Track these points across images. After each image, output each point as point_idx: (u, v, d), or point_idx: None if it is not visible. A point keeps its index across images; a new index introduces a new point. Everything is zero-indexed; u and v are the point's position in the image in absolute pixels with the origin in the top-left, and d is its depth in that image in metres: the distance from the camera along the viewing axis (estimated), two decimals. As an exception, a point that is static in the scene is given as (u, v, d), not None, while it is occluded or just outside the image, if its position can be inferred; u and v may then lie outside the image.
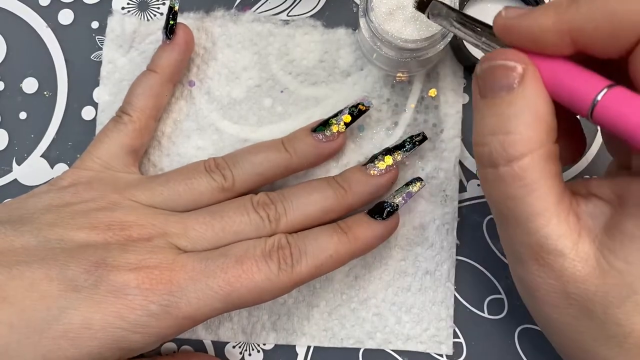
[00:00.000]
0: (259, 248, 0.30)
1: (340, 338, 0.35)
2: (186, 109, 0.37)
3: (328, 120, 0.34)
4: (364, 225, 0.32)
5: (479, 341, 0.35)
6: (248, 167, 0.33)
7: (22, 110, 0.38)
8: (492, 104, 0.25)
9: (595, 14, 0.23)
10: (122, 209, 0.31)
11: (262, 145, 0.34)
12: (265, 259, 0.29)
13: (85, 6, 0.39)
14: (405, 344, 0.35)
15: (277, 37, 0.37)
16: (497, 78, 0.25)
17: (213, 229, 0.31)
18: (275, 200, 0.32)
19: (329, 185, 0.33)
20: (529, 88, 0.24)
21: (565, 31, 0.24)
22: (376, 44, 0.33)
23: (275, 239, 0.31)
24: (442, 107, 0.37)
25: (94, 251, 0.29)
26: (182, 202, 0.32)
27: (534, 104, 0.24)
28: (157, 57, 0.35)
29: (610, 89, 0.23)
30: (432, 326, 0.35)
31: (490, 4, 0.37)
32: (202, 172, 0.33)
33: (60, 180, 0.33)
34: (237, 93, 0.37)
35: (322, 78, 0.37)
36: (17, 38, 0.38)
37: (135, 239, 0.30)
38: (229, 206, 0.32)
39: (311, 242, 0.31)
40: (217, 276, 0.29)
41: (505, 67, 0.25)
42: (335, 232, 0.31)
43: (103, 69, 0.37)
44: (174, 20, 0.35)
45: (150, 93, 0.34)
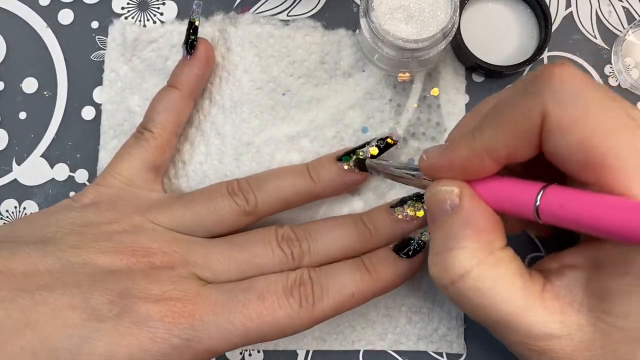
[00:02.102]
0: (280, 284, 0.30)
1: (352, 341, 0.35)
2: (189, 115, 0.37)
3: (354, 151, 0.34)
4: (389, 264, 0.32)
5: (480, 341, 0.35)
6: (272, 191, 0.32)
7: (22, 110, 0.38)
8: (438, 227, 0.27)
9: (498, 133, 0.25)
10: (146, 234, 0.31)
11: (287, 170, 0.34)
12: (287, 296, 0.30)
13: (85, 6, 0.38)
14: (416, 344, 0.35)
15: (277, 39, 0.37)
16: (439, 203, 0.27)
17: (236, 263, 0.31)
18: (301, 237, 0.32)
19: (354, 225, 0.33)
20: (465, 205, 0.26)
21: (483, 154, 0.26)
22: (377, 44, 0.33)
23: (298, 275, 0.31)
24: (444, 105, 0.37)
25: (118, 280, 0.29)
26: (205, 225, 0.32)
27: (472, 218, 0.26)
28: (178, 73, 0.35)
29: (545, 190, 0.24)
30: (442, 326, 0.35)
31: (491, 4, 0.37)
32: (225, 195, 0.32)
33: (82, 197, 0.33)
34: (239, 96, 0.37)
35: (323, 79, 0.37)
36: (17, 38, 0.38)
37: (158, 266, 0.30)
38: (253, 238, 0.32)
39: (334, 279, 0.31)
40: (239, 311, 0.29)
41: (443, 192, 0.27)
42: (358, 270, 0.31)
43: (105, 78, 0.37)
44: (195, 35, 0.34)
45: (171, 109, 0.34)
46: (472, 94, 0.37)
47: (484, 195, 0.27)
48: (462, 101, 0.37)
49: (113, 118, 0.37)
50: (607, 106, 0.24)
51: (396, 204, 0.33)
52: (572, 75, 0.24)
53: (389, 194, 0.36)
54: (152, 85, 0.37)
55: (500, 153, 0.25)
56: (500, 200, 0.26)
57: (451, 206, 0.26)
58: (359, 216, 0.33)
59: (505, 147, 0.25)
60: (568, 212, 0.23)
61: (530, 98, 0.24)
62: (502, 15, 0.37)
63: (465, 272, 0.25)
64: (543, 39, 0.35)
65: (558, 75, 0.24)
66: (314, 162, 0.34)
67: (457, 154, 0.26)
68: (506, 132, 0.25)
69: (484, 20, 0.36)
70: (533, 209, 0.24)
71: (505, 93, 0.27)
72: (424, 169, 0.28)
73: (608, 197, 0.23)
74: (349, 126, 0.37)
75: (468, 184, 0.27)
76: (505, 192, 0.26)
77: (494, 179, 0.27)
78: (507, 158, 0.26)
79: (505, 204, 0.26)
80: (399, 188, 0.36)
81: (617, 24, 0.38)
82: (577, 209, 0.23)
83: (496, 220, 0.26)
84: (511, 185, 0.26)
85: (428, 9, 0.32)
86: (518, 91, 0.25)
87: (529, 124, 0.24)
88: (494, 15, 0.37)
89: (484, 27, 0.36)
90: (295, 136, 0.37)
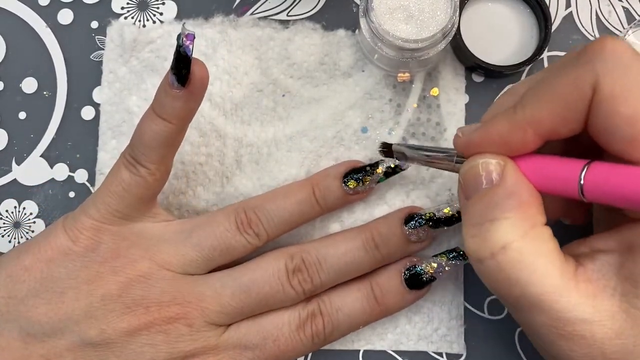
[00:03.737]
0: (294, 324, 0.32)
1: (352, 340, 0.35)
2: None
3: (362, 177, 0.33)
4: (399, 296, 0.33)
5: (480, 341, 0.35)
6: (279, 220, 0.32)
7: (22, 110, 0.38)
8: (477, 200, 0.26)
9: (544, 104, 0.25)
10: (157, 285, 0.31)
11: (294, 198, 0.33)
12: (299, 333, 0.32)
13: (84, 6, 0.38)
14: (416, 345, 0.35)
15: (277, 41, 0.37)
16: (478, 177, 0.26)
17: (249, 306, 0.31)
18: (312, 271, 0.32)
19: (365, 250, 0.33)
20: (508, 178, 0.26)
21: (526, 127, 0.25)
22: (377, 44, 0.33)
23: (309, 310, 0.32)
24: (444, 105, 0.37)
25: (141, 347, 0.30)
26: (215, 262, 0.32)
27: (515, 191, 0.25)
28: (169, 105, 0.29)
29: (588, 167, 0.24)
30: (442, 326, 0.35)
31: (491, 4, 0.37)
32: (235, 232, 0.32)
33: (79, 236, 0.31)
34: (239, 98, 0.37)
35: (323, 80, 0.37)
36: (17, 38, 0.38)
37: (173, 320, 0.30)
38: (264, 279, 0.31)
39: (344, 315, 0.32)
40: (256, 354, 0.31)
41: (484, 164, 0.26)
42: (368, 302, 0.32)
43: (104, 79, 0.37)
44: (187, 69, 0.28)
45: (167, 144, 0.30)
46: (472, 94, 0.37)
47: (524, 171, 0.26)
48: (462, 101, 0.37)
49: (112, 119, 0.37)
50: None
51: (410, 219, 0.33)
52: (623, 47, 0.24)
53: (388, 193, 0.36)
54: (150, 85, 0.37)
55: (544, 126, 0.25)
56: (541, 178, 0.26)
57: (490, 180, 0.26)
58: (371, 237, 0.33)
59: (551, 119, 0.25)
60: (614, 187, 0.23)
61: (582, 68, 0.24)
62: (502, 15, 0.37)
63: (507, 243, 0.25)
64: (543, 39, 0.35)
65: (611, 47, 0.24)
66: (320, 183, 0.33)
67: (496, 129, 0.26)
68: (553, 103, 0.25)
69: (484, 20, 0.36)
70: (578, 186, 0.24)
71: (550, 68, 0.27)
72: (460, 146, 0.28)
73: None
74: (348, 126, 0.37)
75: (510, 158, 0.26)
76: (547, 169, 0.25)
77: (535, 156, 0.26)
78: (552, 132, 0.25)
79: (547, 181, 0.25)
80: (398, 187, 0.36)
81: (617, 24, 0.38)
82: (624, 183, 0.22)
83: (538, 195, 0.26)
84: (553, 163, 0.25)
85: (428, 9, 0.32)
86: (566, 63, 0.25)
87: (578, 93, 0.24)
88: (494, 15, 0.37)
89: (484, 27, 0.36)
90: (295, 136, 0.37)
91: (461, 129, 0.28)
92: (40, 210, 0.37)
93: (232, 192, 0.36)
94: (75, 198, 0.37)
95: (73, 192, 0.37)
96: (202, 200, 0.36)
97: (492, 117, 0.27)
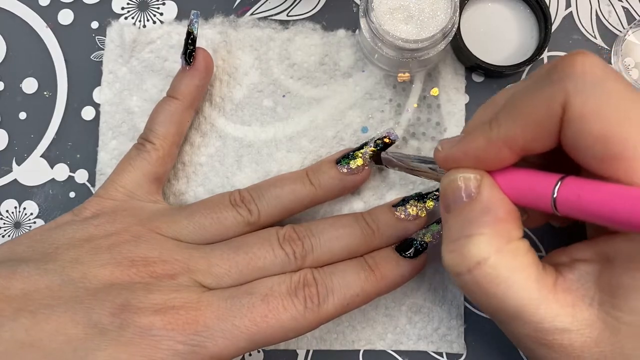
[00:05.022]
0: (284, 285, 0.30)
1: (352, 340, 0.35)
2: (189, 115, 0.37)
3: (353, 153, 0.34)
4: (392, 263, 0.32)
5: (480, 341, 0.35)
6: (273, 200, 0.32)
7: (22, 110, 0.38)
8: (455, 214, 0.27)
9: (516, 122, 0.25)
10: (146, 243, 0.31)
11: (287, 179, 0.33)
12: (292, 297, 0.29)
13: (85, 6, 0.38)
14: (416, 344, 0.35)
15: (277, 41, 0.37)
16: (457, 190, 0.27)
17: (237, 266, 0.30)
18: (302, 236, 0.32)
19: (357, 223, 0.32)
20: (485, 193, 0.26)
21: (500, 144, 0.25)
22: (377, 44, 0.33)
23: (301, 275, 0.30)
24: (444, 105, 0.37)
25: (118, 292, 0.29)
26: (207, 235, 0.32)
27: (492, 206, 0.26)
28: (177, 83, 0.34)
29: (562, 182, 0.24)
30: (442, 325, 0.35)
31: (491, 4, 0.37)
32: (227, 205, 0.32)
33: (83, 210, 0.33)
34: (239, 98, 0.37)
35: (323, 80, 0.37)
36: (17, 38, 0.38)
37: (159, 275, 0.30)
38: (253, 241, 0.31)
39: (338, 279, 0.30)
40: (244, 315, 0.29)
41: (462, 179, 0.27)
42: (362, 270, 0.31)
43: (104, 79, 0.37)
44: (193, 45, 0.34)
45: (172, 120, 0.34)
46: (472, 93, 0.37)
47: (501, 185, 0.26)
48: (462, 101, 0.37)
49: (112, 119, 0.37)
50: (628, 97, 0.23)
51: (398, 203, 0.33)
52: (593, 64, 0.24)
53: (388, 193, 0.36)
54: (150, 86, 0.37)
55: (517, 143, 0.25)
56: (517, 192, 0.26)
57: (469, 194, 0.26)
58: (361, 215, 0.33)
59: (523, 137, 0.25)
60: (586, 204, 0.23)
61: (551, 87, 0.24)
62: (502, 15, 0.37)
63: (483, 259, 0.25)
64: (543, 39, 0.35)
65: (580, 64, 0.24)
66: (313, 167, 0.34)
67: (473, 145, 0.26)
68: (525, 122, 0.25)
69: (484, 20, 0.36)
70: (551, 201, 0.24)
71: (524, 83, 0.27)
72: (440, 160, 0.28)
73: (626, 188, 0.22)
74: (348, 126, 0.37)
75: (487, 173, 0.27)
76: (522, 183, 0.26)
77: (511, 170, 0.26)
78: (525, 149, 0.25)
79: (523, 195, 0.26)
80: (399, 188, 0.36)
81: (617, 24, 0.38)
82: (595, 200, 0.22)
83: (514, 210, 0.26)
84: (528, 177, 0.26)
85: (428, 9, 0.32)
86: (537, 80, 0.25)
87: (548, 113, 0.24)
88: (494, 15, 0.37)
89: (484, 27, 0.36)
90: (295, 136, 0.37)
91: (441, 143, 0.28)
92: (40, 210, 0.37)
93: (233, 192, 0.36)
94: (75, 198, 0.37)
95: (73, 193, 0.37)
96: (202, 200, 0.36)
97: (472, 130, 0.27)
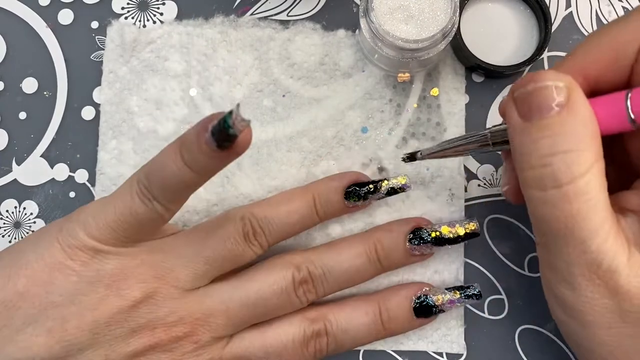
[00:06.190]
0: (297, 342, 0.32)
1: None
2: (189, 116, 0.37)
3: (364, 194, 0.33)
4: (405, 323, 0.33)
5: (480, 341, 0.35)
6: (282, 231, 0.32)
7: (22, 110, 0.38)
8: (543, 126, 0.25)
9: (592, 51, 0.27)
10: (164, 306, 0.30)
11: (295, 209, 0.33)
12: (302, 349, 0.32)
13: (85, 6, 0.38)
14: (416, 344, 0.35)
15: (277, 41, 0.37)
16: (544, 99, 0.25)
17: (255, 317, 0.32)
18: (317, 282, 0.32)
19: (368, 261, 0.33)
20: (578, 105, 0.25)
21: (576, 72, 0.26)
22: (377, 44, 0.33)
23: (314, 329, 0.32)
24: (444, 105, 0.37)
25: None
26: (222, 271, 0.32)
27: (585, 120, 0.25)
28: (204, 163, 0.26)
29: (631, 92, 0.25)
30: (442, 325, 0.35)
31: (491, 4, 0.37)
32: (243, 242, 0.31)
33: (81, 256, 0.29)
34: (240, 98, 0.37)
35: (323, 80, 0.37)
36: (17, 38, 0.38)
37: (180, 338, 0.30)
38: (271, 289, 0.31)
39: (350, 336, 0.32)
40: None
41: (551, 87, 0.25)
42: (375, 328, 0.32)
43: (104, 79, 0.37)
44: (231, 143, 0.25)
45: (190, 191, 0.29)
46: (472, 94, 0.37)
47: None
48: (462, 101, 0.37)
49: (112, 119, 0.37)
50: None
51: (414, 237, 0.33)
52: None
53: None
54: (150, 85, 0.37)
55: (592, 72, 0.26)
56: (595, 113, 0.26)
57: (560, 103, 0.25)
58: (374, 249, 0.33)
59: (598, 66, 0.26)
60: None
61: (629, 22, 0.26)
62: (502, 15, 0.37)
63: (579, 174, 0.24)
64: (543, 39, 0.35)
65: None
66: (322, 198, 0.33)
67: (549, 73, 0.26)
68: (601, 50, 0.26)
69: (484, 21, 0.36)
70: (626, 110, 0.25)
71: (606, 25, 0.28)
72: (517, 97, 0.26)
73: None
74: (348, 126, 0.37)
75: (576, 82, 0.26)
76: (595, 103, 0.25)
77: None
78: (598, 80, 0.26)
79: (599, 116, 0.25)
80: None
81: (617, 24, 0.38)
82: None
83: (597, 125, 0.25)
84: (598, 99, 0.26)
85: (428, 9, 0.32)
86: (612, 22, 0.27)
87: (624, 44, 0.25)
88: (494, 15, 0.37)
89: (484, 27, 0.36)
90: (295, 136, 0.37)
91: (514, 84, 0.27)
92: (40, 210, 0.37)
93: (232, 192, 0.36)
94: (75, 198, 0.37)
95: (73, 192, 0.37)
96: (202, 200, 0.36)
97: None
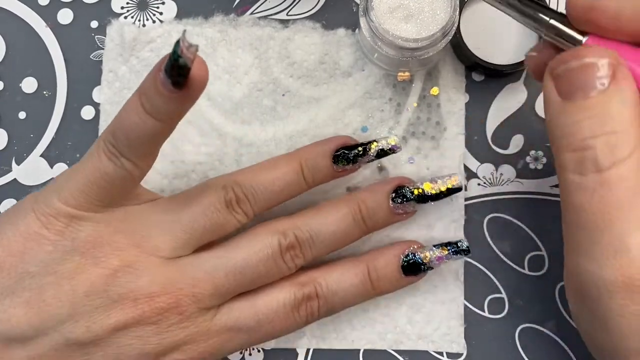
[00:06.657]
0: (289, 305, 0.31)
1: (352, 340, 0.35)
2: (189, 115, 0.37)
3: (353, 157, 0.33)
4: (394, 281, 0.33)
5: (480, 341, 0.35)
6: (267, 199, 0.32)
7: (22, 110, 0.38)
8: (585, 105, 0.24)
9: None
10: (145, 275, 0.29)
11: (281, 175, 0.32)
12: (294, 313, 0.32)
13: (84, 6, 0.38)
14: (416, 344, 0.35)
15: (277, 40, 0.37)
16: (587, 77, 0.24)
17: (242, 285, 0.31)
18: (304, 247, 0.32)
19: (354, 222, 0.32)
20: (623, 85, 0.24)
21: None
22: (377, 43, 0.33)
23: (305, 293, 0.32)
24: (444, 105, 0.37)
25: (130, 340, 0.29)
26: (205, 240, 0.31)
27: (630, 100, 0.23)
28: (164, 107, 0.26)
29: None
30: (443, 325, 0.35)
31: (491, 4, 0.36)
32: (223, 208, 0.31)
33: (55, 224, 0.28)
34: (239, 98, 0.37)
35: (323, 79, 0.37)
36: (17, 38, 0.38)
37: (164, 309, 0.29)
38: (257, 256, 0.31)
39: (340, 297, 0.32)
40: (251, 335, 0.31)
41: (595, 64, 0.24)
42: (364, 287, 0.32)
43: (103, 78, 0.37)
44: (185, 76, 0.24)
45: (156, 141, 0.28)
46: (472, 93, 0.37)
47: None
48: (461, 100, 0.37)
49: (112, 118, 0.37)
50: None
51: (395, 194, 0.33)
52: None
53: None
54: (151, 85, 0.37)
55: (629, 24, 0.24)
56: None
57: (604, 82, 0.23)
58: (358, 209, 0.33)
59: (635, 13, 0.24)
60: None
61: None
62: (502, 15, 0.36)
63: (623, 158, 0.23)
64: (543, 38, 0.35)
65: None
66: (309, 160, 0.32)
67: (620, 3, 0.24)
68: None
69: (483, 19, 0.36)
70: None
71: None
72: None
73: None
74: (348, 125, 0.37)
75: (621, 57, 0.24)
76: None
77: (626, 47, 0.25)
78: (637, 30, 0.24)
79: None
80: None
81: (617, 23, 0.38)
82: None
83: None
84: None
85: (428, 8, 0.32)
86: None
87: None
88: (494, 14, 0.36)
89: (483, 26, 0.36)
90: (295, 135, 0.37)
91: None
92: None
93: (232, 192, 0.36)
94: (75, 198, 0.37)
95: (73, 192, 0.37)
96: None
97: None
